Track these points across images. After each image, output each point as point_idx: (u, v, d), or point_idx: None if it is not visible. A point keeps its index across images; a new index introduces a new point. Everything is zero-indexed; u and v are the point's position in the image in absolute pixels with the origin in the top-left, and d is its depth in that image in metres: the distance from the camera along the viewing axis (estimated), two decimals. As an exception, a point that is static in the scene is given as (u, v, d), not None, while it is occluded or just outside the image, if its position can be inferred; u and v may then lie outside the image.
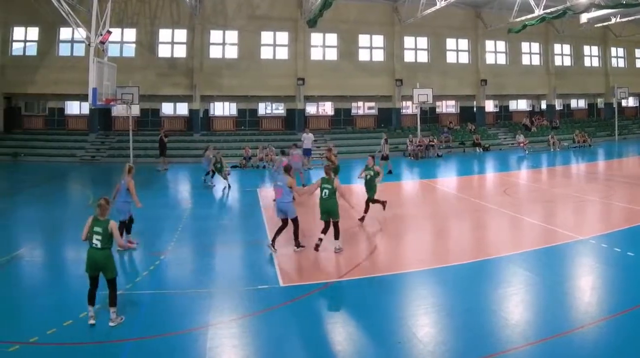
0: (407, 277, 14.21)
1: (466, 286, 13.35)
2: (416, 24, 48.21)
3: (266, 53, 49.76)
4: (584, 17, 51.07)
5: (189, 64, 47.35)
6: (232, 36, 48.84)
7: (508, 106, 60.71)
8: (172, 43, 47.92)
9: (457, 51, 55.08)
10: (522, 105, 62.00)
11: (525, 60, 57.84)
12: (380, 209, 21.25)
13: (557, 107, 60.18)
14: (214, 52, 48.67)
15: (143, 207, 17.15)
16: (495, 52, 56.52)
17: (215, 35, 48.53)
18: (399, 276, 14.31)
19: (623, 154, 46.21)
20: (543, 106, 60.11)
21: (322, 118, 53.76)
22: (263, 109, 52.82)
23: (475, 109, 56.54)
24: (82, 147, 45.00)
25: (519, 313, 11.59)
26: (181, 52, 48.01)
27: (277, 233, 16.63)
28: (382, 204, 21.24)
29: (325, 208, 16.63)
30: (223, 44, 48.79)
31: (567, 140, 51.65)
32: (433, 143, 47.36)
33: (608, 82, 60.35)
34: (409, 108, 54.79)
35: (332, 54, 51.35)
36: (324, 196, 16.63)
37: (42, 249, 17.82)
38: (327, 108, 54.75)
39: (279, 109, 53.09)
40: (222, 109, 52.04)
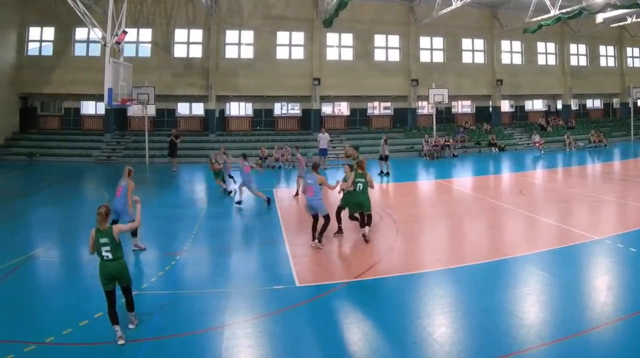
0: (423, 277, 14.20)
1: (482, 286, 13.33)
2: (432, 24, 48.12)
3: (282, 53, 49.79)
4: (600, 17, 50.84)
5: (205, 64, 47.44)
6: (248, 36, 48.90)
7: (524, 106, 60.44)
8: (188, 43, 48.06)
9: (473, 51, 54.91)
10: (538, 105, 61.69)
11: (541, 60, 57.56)
12: (393, 211, 21.23)
13: (573, 107, 59.86)
14: (230, 52, 48.72)
15: (156, 207, 17.21)
16: (511, 52, 56.29)
17: (231, 35, 48.58)
18: (415, 276, 14.31)
19: (639, 154, 45.94)
20: (559, 106, 59.73)
21: (338, 118, 53.71)
22: (279, 109, 52.85)
23: (491, 109, 56.34)
24: (98, 147, 45.20)
25: (535, 313, 11.56)
26: (197, 52, 48.11)
27: (314, 229, 16.99)
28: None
29: (359, 201, 17.44)
30: (239, 44, 48.82)
31: (583, 140, 51.37)
32: (449, 143, 47.26)
33: (624, 82, 60.07)
34: (425, 108, 54.60)
35: (348, 54, 51.33)
36: (358, 190, 17.34)
37: (58, 249, 17.89)
38: (343, 108, 54.70)
39: (295, 109, 53.11)
40: (238, 109, 52.08)
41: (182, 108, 50.61)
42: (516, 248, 16.66)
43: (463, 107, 58.56)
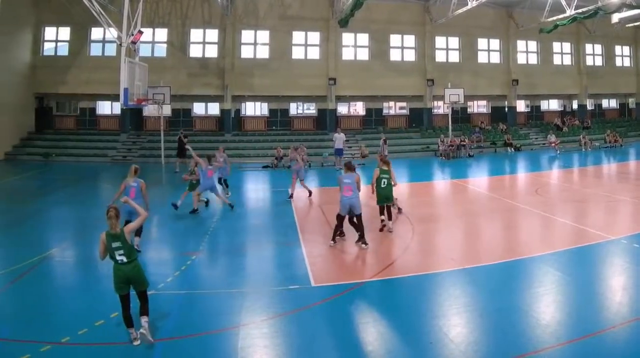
0: (439, 277, 14.15)
1: (497, 286, 13.31)
2: (447, 24, 48.04)
3: (297, 53, 49.88)
4: (616, 17, 50.68)
5: (220, 64, 47.58)
6: (264, 36, 49.05)
7: (539, 106, 60.20)
8: (204, 43, 48.24)
9: (489, 51, 54.82)
10: (554, 105, 61.40)
11: (556, 60, 57.39)
12: (409, 210, 21.26)
13: (589, 107, 59.66)
14: (246, 52, 48.88)
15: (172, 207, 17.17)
16: (526, 52, 56.17)
17: (246, 35, 48.72)
18: (431, 276, 14.28)
19: (655, 154, 45.66)
20: (574, 106, 59.43)
21: (354, 118, 53.72)
22: (294, 109, 52.99)
23: (506, 109, 56.20)
24: (114, 147, 45.45)
25: (550, 313, 11.52)
26: (212, 52, 48.26)
27: (336, 230, 17.37)
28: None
29: (385, 194, 18.86)
30: (254, 44, 48.97)
31: (599, 140, 51.20)
32: (464, 143, 47.15)
33: (639, 82, 59.81)
34: (441, 108, 54.56)
35: (364, 54, 51.39)
36: (383, 185, 18.79)
37: (74, 249, 17.94)
38: (359, 108, 54.68)
39: (311, 109, 53.19)
40: (254, 109, 52.15)
41: (198, 108, 50.81)
42: (532, 248, 16.59)
43: (479, 107, 58.42)
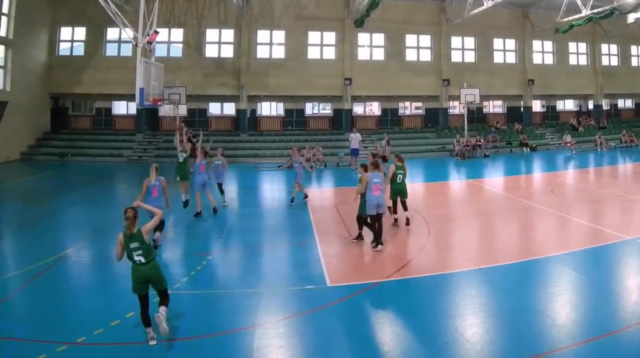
0: (455, 277, 14.16)
1: (513, 286, 13.29)
2: (463, 24, 47.95)
3: (313, 53, 49.93)
4: (631, 17, 50.17)
5: (236, 64, 47.69)
6: (279, 36, 49.14)
7: (555, 106, 59.95)
8: (219, 43, 48.38)
9: (504, 51, 54.66)
10: (569, 105, 61.13)
11: (572, 60, 57.13)
12: (425, 210, 21.29)
13: (604, 107, 59.47)
14: (261, 52, 48.99)
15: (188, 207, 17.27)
16: (542, 52, 55.96)
17: (262, 35, 48.83)
18: (447, 276, 14.30)
19: (671, 154, 45.44)
20: (590, 106, 59.15)
21: (369, 118, 53.71)
22: (310, 109, 53.03)
23: (522, 109, 56.00)
24: (130, 147, 45.63)
25: (566, 313, 11.52)
26: (228, 52, 48.38)
27: (371, 228, 17.16)
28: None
29: (399, 189, 19.74)
30: (270, 44, 49.06)
31: (614, 140, 51.03)
32: (480, 143, 47.10)
33: (656, 82, 59.54)
34: (456, 108, 54.61)
35: (379, 54, 51.37)
36: (399, 180, 19.70)
37: (89, 249, 17.96)
38: (374, 108, 54.66)
39: (326, 109, 53.21)
40: (269, 109, 52.24)
41: (214, 108, 50.98)
42: (547, 248, 16.57)
43: (494, 107, 58.29)
